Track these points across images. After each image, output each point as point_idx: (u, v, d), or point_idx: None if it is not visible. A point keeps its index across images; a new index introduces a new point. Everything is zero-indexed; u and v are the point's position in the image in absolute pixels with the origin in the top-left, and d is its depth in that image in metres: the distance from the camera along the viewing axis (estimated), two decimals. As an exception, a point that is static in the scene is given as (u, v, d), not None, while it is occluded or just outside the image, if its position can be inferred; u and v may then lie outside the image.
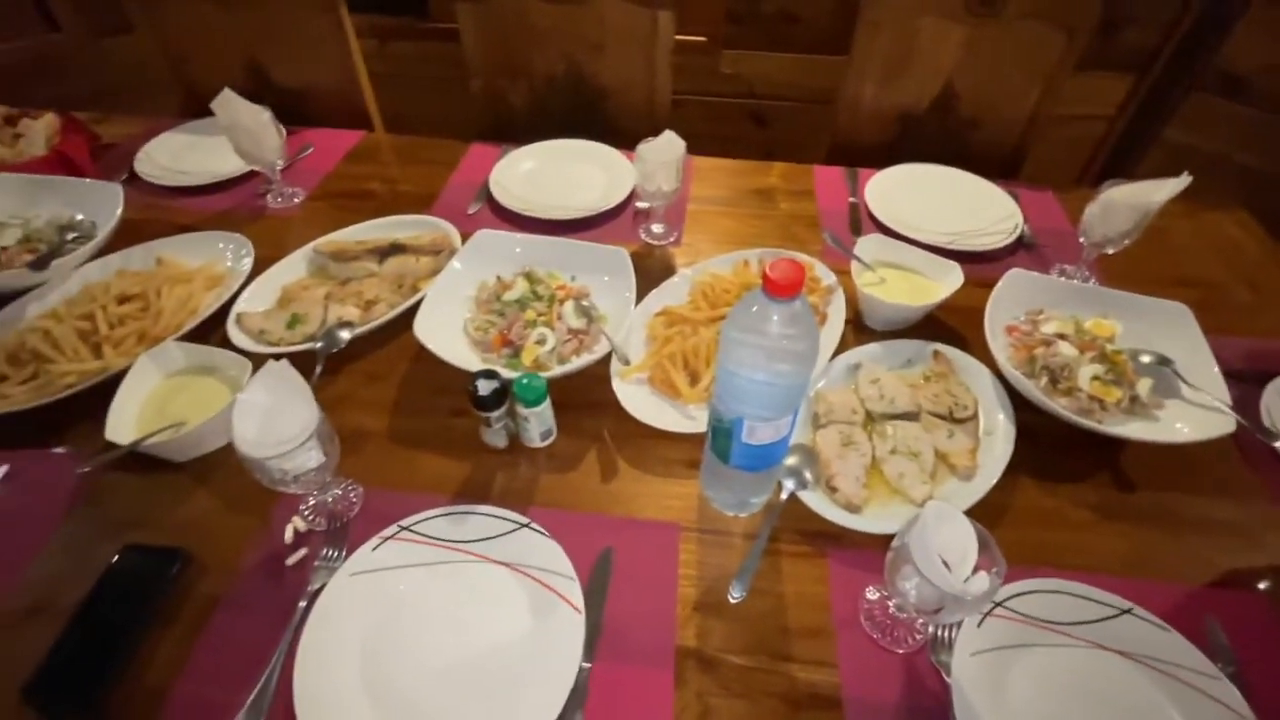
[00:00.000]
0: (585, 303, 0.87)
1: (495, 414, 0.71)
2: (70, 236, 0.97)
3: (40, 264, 0.89)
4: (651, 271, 0.98)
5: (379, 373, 0.85)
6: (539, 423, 0.73)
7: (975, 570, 0.51)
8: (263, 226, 1.08)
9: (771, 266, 0.48)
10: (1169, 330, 0.83)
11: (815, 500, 0.69)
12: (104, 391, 0.75)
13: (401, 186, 1.17)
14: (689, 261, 1.01)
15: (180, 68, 1.37)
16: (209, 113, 1.12)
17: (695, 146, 0.97)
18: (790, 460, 0.71)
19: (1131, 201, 0.87)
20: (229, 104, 0.99)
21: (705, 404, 0.78)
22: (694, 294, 0.91)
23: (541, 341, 0.82)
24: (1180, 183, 0.84)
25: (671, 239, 1.06)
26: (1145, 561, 0.68)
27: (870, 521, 0.67)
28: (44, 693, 0.56)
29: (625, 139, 1.22)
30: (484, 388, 0.69)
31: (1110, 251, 0.93)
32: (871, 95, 1.28)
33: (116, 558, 0.65)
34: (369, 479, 0.73)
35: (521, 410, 0.71)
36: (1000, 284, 0.87)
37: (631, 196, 1.12)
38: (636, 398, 0.79)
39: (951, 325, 0.91)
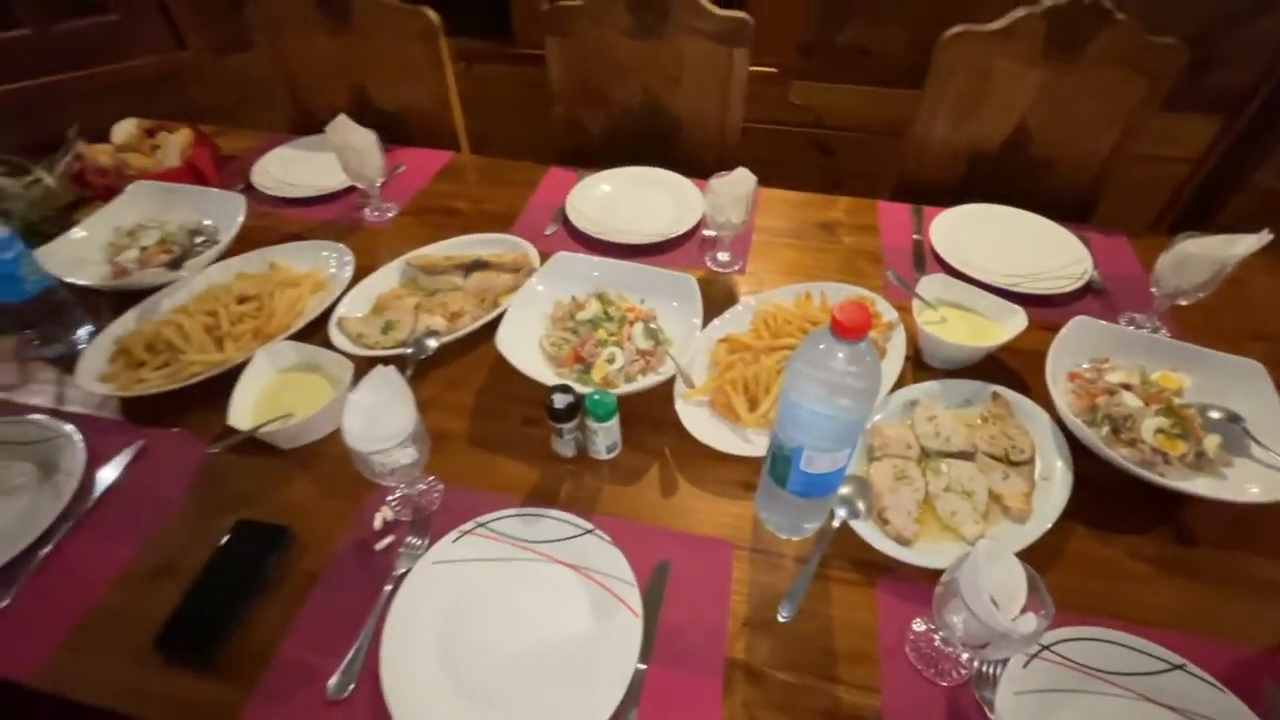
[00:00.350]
0: (653, 325, 0.92)
1: (568, 426, 0.77)
2: (199, 240, 1.09)
3: (175, 264, 1.01)
4: (715, 298, 1.02)
5: (460, 379, 0.92)
6: (606, 437, 0.78)
7: (1024, 611, 0.53)
8: (360, 237, 1.18)
9: (840, 309, 0.51)
10: (1241, 387, 0.82)
11: (867, 530, 0.72)
12: (221, 380, 0.85)
13: (485, 206, 1.25)
14: (752, 290, 1.06)
15: (293, 87, 1.51)
16: (317, 129, 1.24)
17: (759, 172, 1.02)
18: (844, 490, 0.74)
19: (1208, 255, 0.87)
20: (342, 128, 1.09)
21: (763, 429, 0.82)
22: (756, 323, 0.95)
23: (611, 360, 0.87)
24: (1260, 239, 0.84)
25: (736, 267, 1.10)
26: (1203, 619, 0.67)
27: (920, 555, 0.70)
28: (172, 644, 0.65)
29: (695, 167, 1.28)
30: (560, 401, 0.75)
31: (1183, 303, 0.92)
32: (941, 134, 1.30)
33: (231, 530, 0.73)
34: (449, 476, 0.80)
35: (591, 424, 0.77)
36: (1065, 330, 0.88)
37: (699, 224, 1.17)
38: (697, 419, 0.83)
39: (1012, 367, 0.92)
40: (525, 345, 0.92)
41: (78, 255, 1.05)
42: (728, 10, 1.25)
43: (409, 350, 0.91)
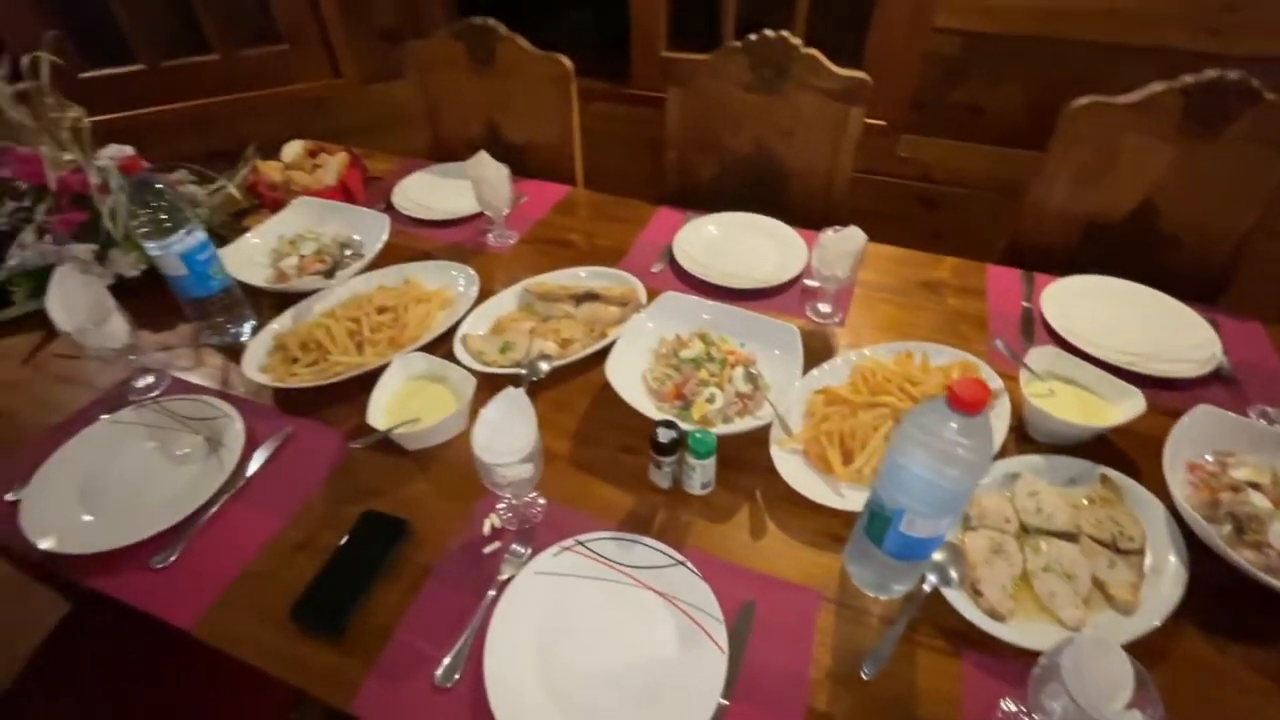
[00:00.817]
0: (753, 370, 0.96)
1: (668, 459, 0.81)
2: (347, 253, 1.22)
3: (330, 273, 1.14)
4: (813, 348, 1.05)
5: (566, 402, 0.99)
6: (703, 474, 0.82)
7: (1129, 707, 0.52)
8: (482, 260, 1.28)
9: (961, 384, 0.53)
10: (1391, 500, 0.76)
11: (958, 599, 0.71)
12: (357, 381, 0.95)
13: (597, 240, 1.33)
14: (851, 343, 1.07)
15: (433, 117, 1.66)
16: (449, 155, 1.38)
17: (860, 221, 1.04)
18: (938, 555, 0.74)
19: (1358, 354, 0.81)
20: (482, 162, 1.20)
21: (855, 484, 0.83)
22: (854, 377, 0.96)
23: (711, 400, 0.91)
24: None
25: (836, 319, 1.12)
26: (1330, 747, 0.63)
27: (1014, 633, 0.69)
28: (306, 614, 0.73)
29: (799, 215, 1.32)
30: (664, 435, 0.80)
31: (1326, 402, 0.87)
32: (1060, 201, 1.28)
33: (360, 518, 0.82)
34: (550, 493, 0.86)
35: (691, 460, 0.81)
36: (1187, 418, 0.84)
37: (802, 273, 1.20)
38: (791, 466, 0.85)
39: (1123, 450, 0.89)
40: (630, 376, 0.97)
41: (248, 258, 1.21)
42: (848, 70, 1.29)
43: (523, 371, 0.99)
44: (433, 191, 1.47)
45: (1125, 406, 0.87)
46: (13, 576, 1.31)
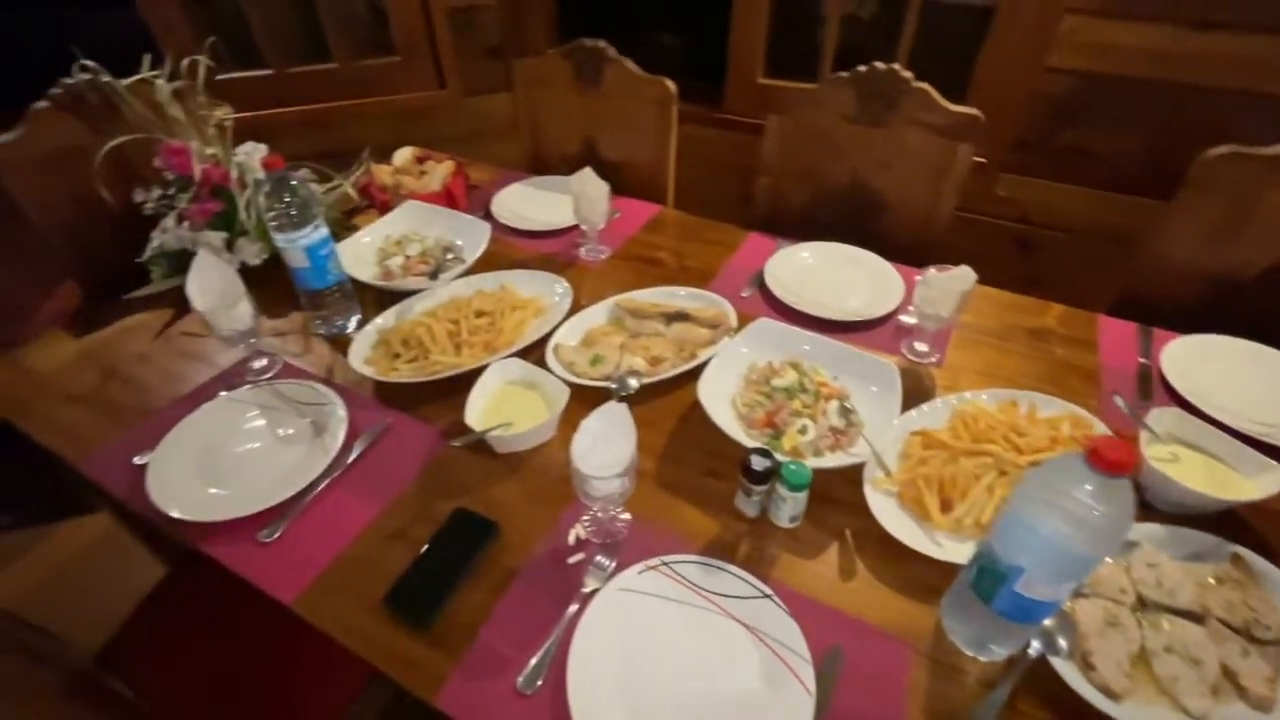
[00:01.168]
0: (848, 404, 0.93)
1: (760, 488, 0.80)
2: (449, 256, 1.27)
3: (434, 275, 1.19)
4: (907, 387, 1.00)
5: (653, 421, 0.99)
6: (793, 506, 0.80)
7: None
8: (573, 273, 1.31)
9: (1105, 443, 0.50)
10: None
11: (1068, 671, 0.67)
12: (452, 381, 0.99)
13: (686, 260, 1.34)
14: (949, 384, 1.03)
15: (533, 131, 1.72)
16: (547, 171, 1.42)
17: (950, 259, 1.01)
18: (1047, 621, 0.70)
19: None
20: (586, 179, 1.24)
21: (955, 534, 0.80)
22: (954, 421, 0.93)
23: (804, 431, 0.89)
24: None
25: (934, 359, 1.08)
26: None
27: (1131, 713, 0.63)
28: (398, 603, 0.75)
29: (889, 248, 1.29)
30: (758, 463, 0.79)
31: None
32: (1186, 254, 1.20)
33: (451, 515, 0.84)
34: (635, 510, 0.86)
35: (783, 491, 0.79)
36: (1335, 501, 0.77)
37: (898, 309, 1.17)
38: (885, 508, 0.82)
39: (1255, 526, 0.82)
40: (719, 400, 0.97)
41: (357, 255, 1.28)
42: (960, 106, 1.26)
43: (613, 385, 0.99)
44: (529, 202, 1.51)
45: (1262, 480, 0.80)
46: (118, 540, 1.42)
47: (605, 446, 0.73)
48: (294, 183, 1.00)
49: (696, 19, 2.39)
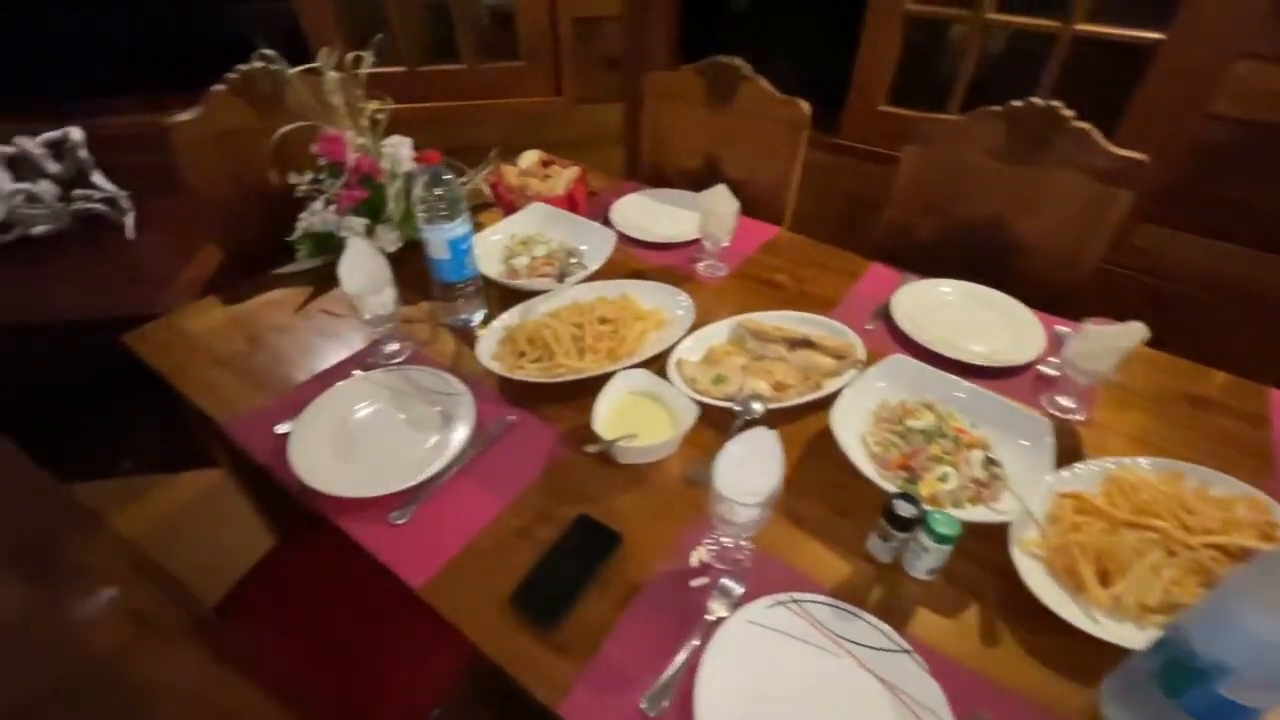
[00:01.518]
0: (991, 456, 0.88)
1: (901, 535, 0.76)
2: (572, 260, 1.29)
3: (561, 277, 1.21)
4: (1051, 445, 0.95)
5: (776, 448, 0.96)
6: (935, 559, 0.76)
7: None
8: (690, 288, 1.29)
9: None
10: None
11: (1256, 786, 0.60)
12: (574, 384, 0.99)
13: (806, 286, 1.31)
14: (1097, 446, 0.96)
15: (656, 144, 1.73)
16: (665, 183, 1.42)
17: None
18: (1230, 725, 0.63)
19: None
20: (718, 196, 1.23)
21: (1114, 614, 0.73)
22: (1109, 487, 0.86)
23: (944, 479, 0.85)
24: None
25: (1080, 416, 1.01)
26: None
27: None
28: (526, 603, 0.75)
29: (1020, 292, 1.22)
30: (904, 509, 0.75)
31: None
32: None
33: (575, 520, 0.84)
34: (759, 541, 0.83)
35: (927, 542, 0.75)
36: None
37: (1038, 359, 1.10)
38: (1033, 572, 0.77)
39: None
40: (848, 435, 0.93)
41: (485, 251, 1.31)
42: (1124, 150, 1.18)
43: (737, 408, 0.97)
44: (647, 214, 1.52)
45: None
46: (227, 500, 1.49)
47: (747, 472, 0.71)
48: (447, 177, 1.04)
49: (817, 43, 2.37)
